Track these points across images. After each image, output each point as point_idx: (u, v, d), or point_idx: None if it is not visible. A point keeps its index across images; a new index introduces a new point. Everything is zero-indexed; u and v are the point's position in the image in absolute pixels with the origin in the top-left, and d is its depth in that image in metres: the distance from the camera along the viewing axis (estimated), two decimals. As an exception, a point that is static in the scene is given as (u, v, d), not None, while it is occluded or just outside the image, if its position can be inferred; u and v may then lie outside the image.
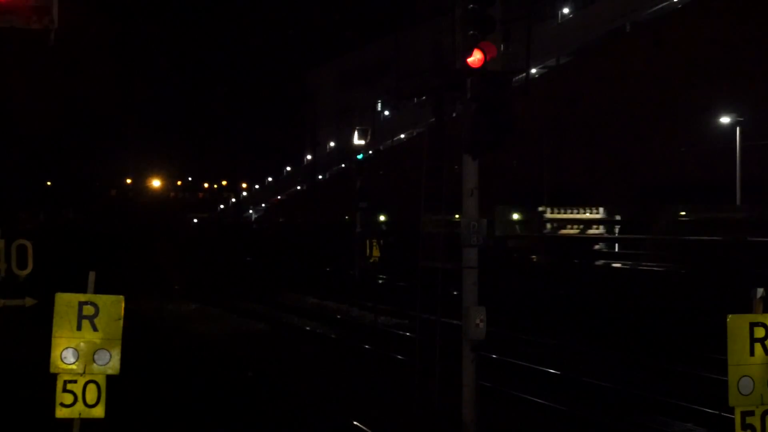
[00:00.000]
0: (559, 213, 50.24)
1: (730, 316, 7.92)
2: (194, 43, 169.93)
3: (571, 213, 50.00)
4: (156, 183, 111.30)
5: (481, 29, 11.48)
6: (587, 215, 49.64)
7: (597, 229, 49.34)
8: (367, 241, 32.42)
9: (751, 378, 7.89)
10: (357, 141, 42.44)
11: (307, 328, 28.70)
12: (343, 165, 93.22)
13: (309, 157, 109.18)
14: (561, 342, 24.23)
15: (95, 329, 8.25)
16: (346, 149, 68.03)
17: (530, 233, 49.68)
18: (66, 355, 8.19)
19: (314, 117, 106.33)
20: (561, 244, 46.72)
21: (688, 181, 48.14)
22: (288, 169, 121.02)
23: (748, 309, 7.91)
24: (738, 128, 44.01)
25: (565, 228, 50.07)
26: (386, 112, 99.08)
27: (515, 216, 51.39)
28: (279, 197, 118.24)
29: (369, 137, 43.53)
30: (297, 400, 17.13)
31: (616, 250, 46.81)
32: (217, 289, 41.76)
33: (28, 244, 10.41)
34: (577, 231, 49.57)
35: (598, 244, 47.18)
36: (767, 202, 39.84)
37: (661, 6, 66.51)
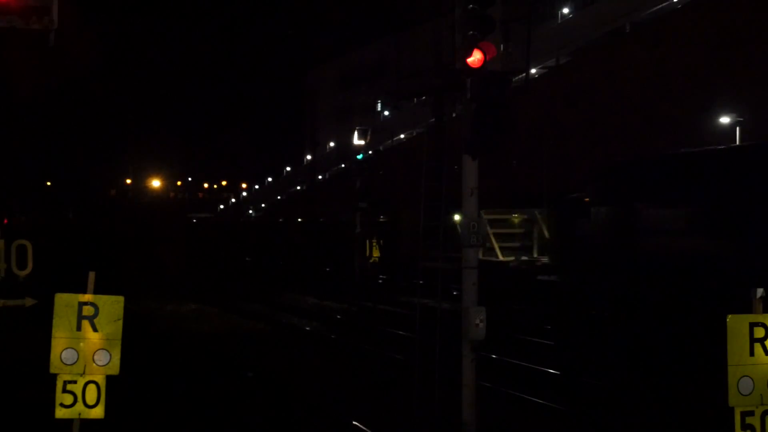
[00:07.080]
0: None
1: (729, 316, 7.93)
2: (194, 43, 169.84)
3: None
4: (156, 183, 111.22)
5: (481, 29, 11.49)
6: None
7: None
8: (367, 241, 32.47)
9: (751, 378, 7.90)
10: (357, 141, 42.38)
11: (307, 328, 28.69)
12: (342, 165, 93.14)
13: (309, 157, 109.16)
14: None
15: (95, 329, 8.26)
16: (346, 149, 67.90)
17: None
18: (66, 355, 8.20)
19: (314, 117, 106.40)
20: None
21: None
22: (288, 169, 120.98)
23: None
24: (738, 128, 43.96)
25: None
26: (386, 112, 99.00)
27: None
28: (279, 197, 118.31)
29: (369, 137, 43.44)
30: (297, 400, 17.13)
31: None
32: (216, 288, 41.78)
33: (28, 245, 10.43)
34: None
35: None
36: None
37: (661, 6, 66.47)
